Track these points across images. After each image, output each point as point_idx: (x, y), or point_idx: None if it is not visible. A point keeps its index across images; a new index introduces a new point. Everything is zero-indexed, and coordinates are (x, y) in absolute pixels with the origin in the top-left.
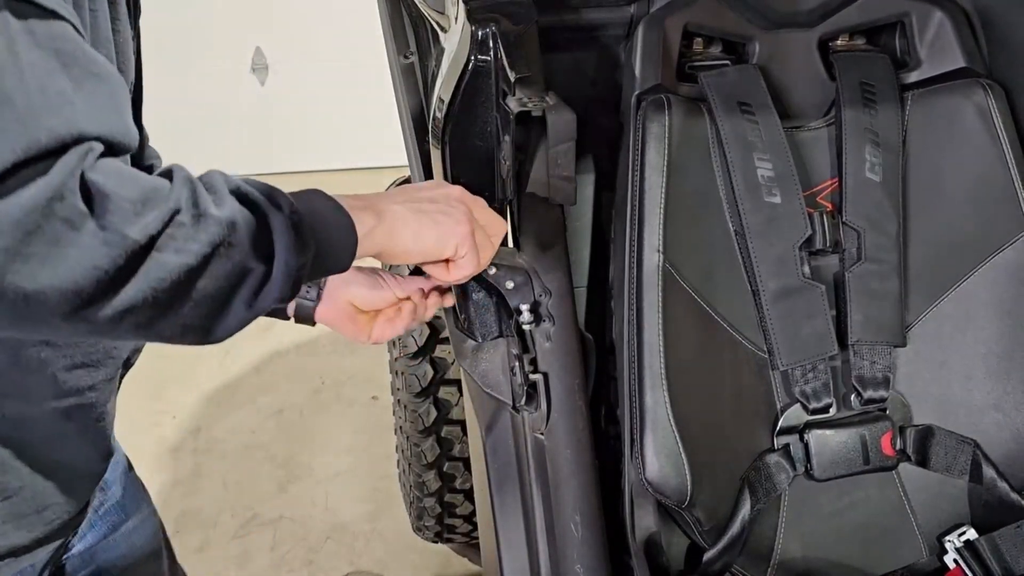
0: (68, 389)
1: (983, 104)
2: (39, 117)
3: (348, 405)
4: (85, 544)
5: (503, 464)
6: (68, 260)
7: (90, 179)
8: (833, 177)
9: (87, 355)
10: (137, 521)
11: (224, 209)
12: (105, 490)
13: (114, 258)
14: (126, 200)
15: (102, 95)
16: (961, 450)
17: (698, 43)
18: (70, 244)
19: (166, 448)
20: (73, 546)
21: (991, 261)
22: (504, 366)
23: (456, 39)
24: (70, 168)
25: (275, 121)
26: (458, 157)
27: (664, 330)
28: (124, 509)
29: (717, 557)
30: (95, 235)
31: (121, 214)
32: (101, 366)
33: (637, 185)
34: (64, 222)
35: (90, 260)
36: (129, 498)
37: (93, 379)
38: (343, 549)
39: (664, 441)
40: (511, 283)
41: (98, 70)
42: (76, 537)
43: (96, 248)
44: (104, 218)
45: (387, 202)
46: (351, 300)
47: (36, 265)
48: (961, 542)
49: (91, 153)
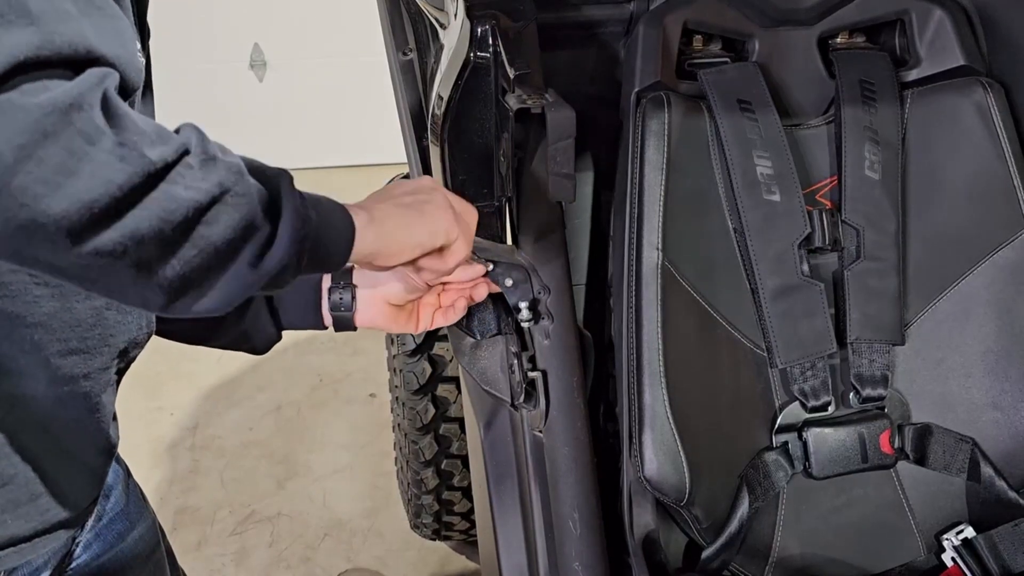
0: (62, 375)
1: (982, 102)
2: (52, 23)
3: (346, 402)
4: (91, 555)
5: (501, 462)
6: (83, 173)
7: (112, 100)
8: (832, 175)
9: (82, 340)
10: (142, 529)
11: (231, 157)
12: (107, 497)
13: (130, 176)
14: (143, 125)
15: (109, 28)
16: (959, 448)
17: (698, 40)
18: (86, 158)
19: (164, 445)
20: (78, 555)
21: (990, 259)
22: (503, 363)
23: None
24: (91, 83)
25: (273, 118)
26: (457, 154)
27: (663, 328)
28: (128, 517)
29: (715, 555)
30: (112, 151)
31: (140, 136)
32: (96, 354)
33: (636, 182)
34: (81, 134)
35: (105, 174)
36: (132, 506)
37: (88, 367)
38: (341, 546)
39: (662, 439)
40: (510, 280)
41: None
42: (80, 547)
43: (113, 164)
44: (123, 136)
45: (370, 203)
46: (386, 299)
47: (50, 171)
48: (959, 540)
49: (110, 77)
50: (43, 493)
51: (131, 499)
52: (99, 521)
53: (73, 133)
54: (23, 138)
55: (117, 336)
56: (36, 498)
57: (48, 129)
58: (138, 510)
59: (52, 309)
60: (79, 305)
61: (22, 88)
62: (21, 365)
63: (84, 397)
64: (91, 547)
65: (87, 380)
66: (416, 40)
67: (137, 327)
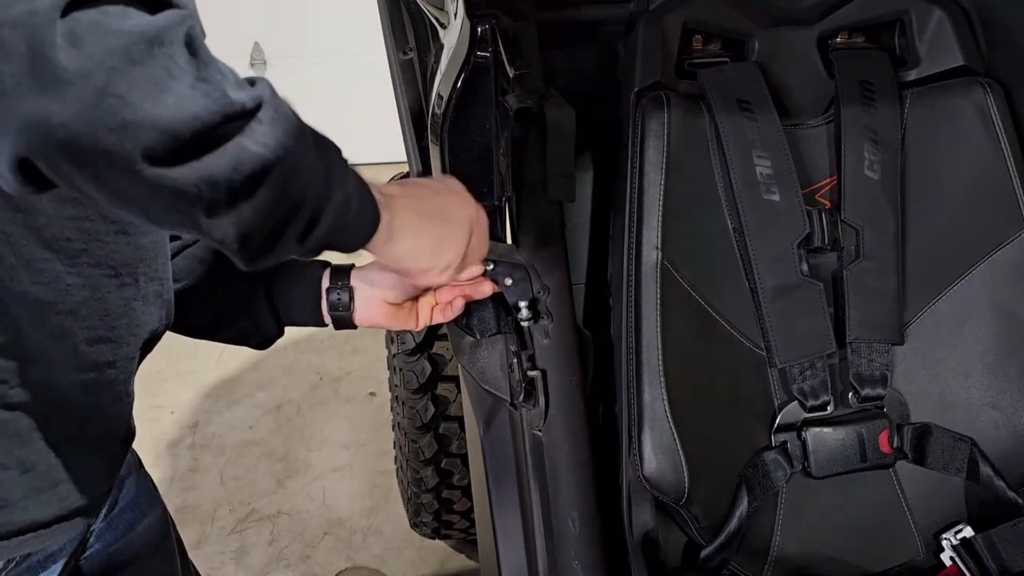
0: (89, 363)
1: (982, 103)
2: None
3: (346, 401)
4: (103, 543)
5: (501, 460)
6: (167, 103)
7: (196, 40)
8: (832, 175)
9: (110, 328)
10: (152, 519)
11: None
12: (119, 487)
13: (212, 112)
14: (226, 71)
15: None
16: (958, 448)
17: (697, 40)
18: (169, 89)
19: (164, 443)
20: (91, 544)
21: (989, 259)
22: (502, 363)
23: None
24: (175, 21)
25: None
26: (457, 153)
27: (662, 327)
28: (139, 507)
29: (714, 554)
30: (195, 87)
31: (224, 77)
32: (123, 343)
33: (636, 182)
34: (165, 67)
35: (188, 107)
36: (143, 495)
37: (114, 355)
38: (341, 544)
39: (662, 438)
40: (510, 280)
41: None
42: (93, 536)
43: (196, 98)
44: (206, 72)
45: (398, 203)
46: (383, 299)
47: (139, 95)
48: (958, 540)
49: (191, 19)
50: (64, 480)
51: (141, 489)
52: (111, 510)
53: (159, 64)
54: (114, 60)
55: (143, 326)
56: (57, 485)
57: (135, 56)
58: (148, 500)
59: (83, 297)
60: (110, 295)
61: (105, 9)
62: (50, 353)
63: (109, 385)
64: (103, 536)
65: (112, 368)
66: (416, 39)
67: (159, 318)
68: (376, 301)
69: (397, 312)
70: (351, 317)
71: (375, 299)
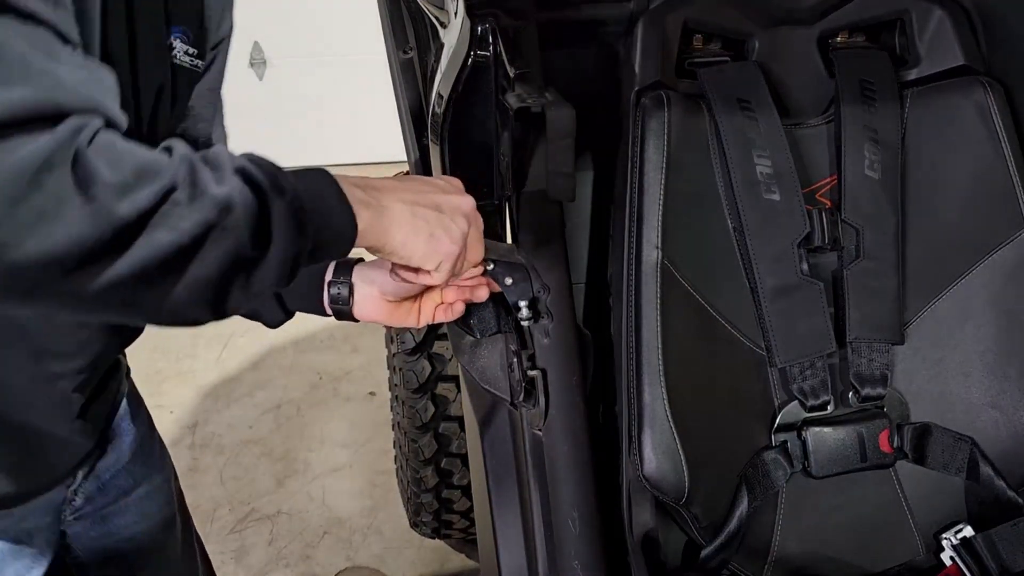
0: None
1: (982, 102)
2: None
3: (346, 401)
4: (94, 507)
5: (501, 460)
6: (55, 233)
7: (82, 156)
8: (832, 174)
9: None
10: (149, 488)
11: (223, 188)
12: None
13: (101, 233)
14: (118, 175)
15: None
16: (958, 448)
17: (698, 40)
18: (56, 218)
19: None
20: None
21: (989, 259)
22: (502, 362)
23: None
24: (62, 140)
25: (273, 116)
26: (457, 153)
27: (662, 327)
28: (132, 475)
29: (714, 554)
30: (82, 209)
31: (110, 190)
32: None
33: (636, 182)
34: (52, 195)
35: (77, 233)
36: (139, 465)
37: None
38: (340, 544)
39: (662, 438)
40: (509, 279)
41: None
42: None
43: (83, 222)
44: (91, 192)
45: (391, 196)
46: (383, 296)
47: (24, 231)
48: (958, 539)
49: (87, 128)
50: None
51: (138, 458)
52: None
53: (42, 194)
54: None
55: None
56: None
57: (16, 195)
58: (145, 469)
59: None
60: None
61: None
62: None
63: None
64: (94, 499)
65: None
66: (416, 39)
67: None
68: (374, 298)
69: (396, 309)
70: (351, 311)
71: (373, 296)
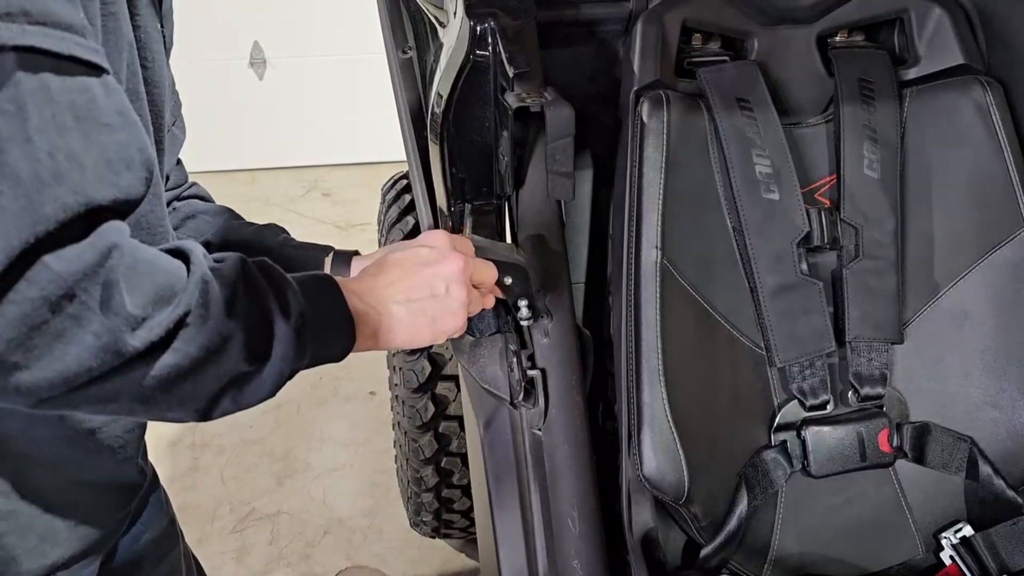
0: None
1: (981, 101)
2: (46, 188)
3: (346, 400)
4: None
5: (501, 460)
6: (66, 356)
7: (110, 282)
8: (831, 174)
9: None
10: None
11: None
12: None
13: (112, 361)
14: (138, 304)
15: (114, 147)
16: (958, 447)
17: (697, 39)
18: (73, 341)
19: (164, 443)
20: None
21: (989, 258)
22: (502, 362)
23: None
24: (88, 265)
25: (273, 116)
26: (456, 152)
27: (662, 326)
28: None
29: (714, 553)
30: (97, 337)
31: (128, 322)
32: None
33: (635, 181)
34: (72, 318)
35: (88, 359)
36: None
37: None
38: (341, 544)
39: (661, 437)
40: (509, 279)
41: (109, 120)
42: None
43: (95, 350)
44: (109, 323)
45: (388, 301)
46: None
47: (34, 357)
48: (957, 539)
49: (116, 252)
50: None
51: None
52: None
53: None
54: (12, 332)
55: None
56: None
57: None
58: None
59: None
60: None
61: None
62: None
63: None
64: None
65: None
66: (416, 38)
67: None
68: None
69: None
70: None
71: None
